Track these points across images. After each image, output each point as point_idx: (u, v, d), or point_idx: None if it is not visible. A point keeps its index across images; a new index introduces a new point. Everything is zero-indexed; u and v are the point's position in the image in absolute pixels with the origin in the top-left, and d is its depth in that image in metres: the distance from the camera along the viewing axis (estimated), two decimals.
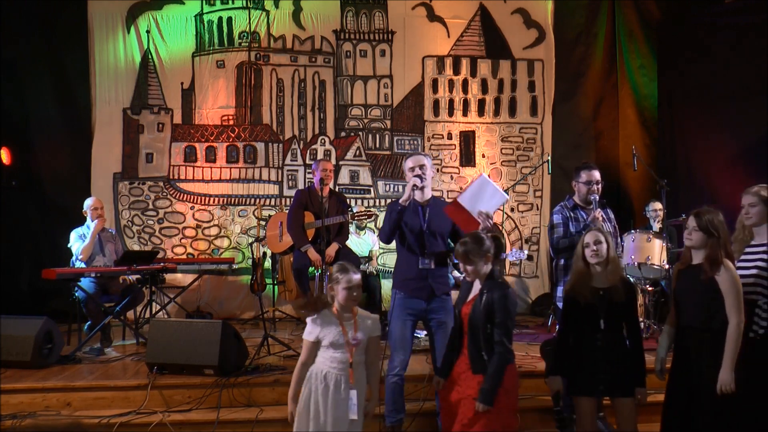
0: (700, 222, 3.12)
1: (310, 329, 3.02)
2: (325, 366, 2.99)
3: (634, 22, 7.66)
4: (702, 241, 3.11)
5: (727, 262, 3.07)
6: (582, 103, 7.77)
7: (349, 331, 3.00)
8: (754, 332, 3.25)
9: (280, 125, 7.39)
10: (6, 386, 3.98)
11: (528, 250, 7.31)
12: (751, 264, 3.29)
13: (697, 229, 3.13)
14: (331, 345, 2.98)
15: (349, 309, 3.05)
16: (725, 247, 3.10)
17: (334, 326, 3.00)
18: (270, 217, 6.61)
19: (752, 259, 3.31)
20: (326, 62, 7.47)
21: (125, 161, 7.14)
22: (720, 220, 3.12)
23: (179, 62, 7.24)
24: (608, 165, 7.39)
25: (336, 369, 2.98)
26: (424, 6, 7.55)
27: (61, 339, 4.68)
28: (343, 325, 3.00)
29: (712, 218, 3.11)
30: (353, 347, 2.99)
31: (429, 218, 3.71)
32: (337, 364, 2.98)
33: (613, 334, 3.18)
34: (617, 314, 3.17)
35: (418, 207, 3.72)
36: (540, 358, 4.62)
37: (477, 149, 7.61)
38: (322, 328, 3.00)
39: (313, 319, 3.02)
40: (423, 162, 3.75)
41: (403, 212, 3.66)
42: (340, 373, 2.97)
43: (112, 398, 4.03)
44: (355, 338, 3.00)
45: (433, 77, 7.59)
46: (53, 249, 6.12)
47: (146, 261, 5.42)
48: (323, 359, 3.00)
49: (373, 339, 3.09)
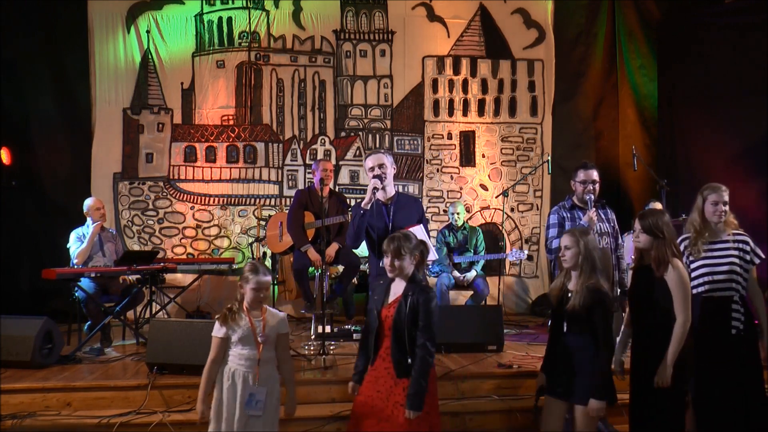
0: (644, 224, 3.17)
1: (218, 326, 3.05)
2: (234, 363, 3.01)
3: (634, 22, 7.66)
4: (649, 243, 3.16)
5: (675, 261, 3.10)
6: (582, 103, 7.77)
7: (257, 328, 3.02)
8: (736, 328, 3.31)
9: (280, 125, 7.39)
10: (6, 386, 3.97)
11: (528, 250, 7.31)
12: (725, 260, 3.35)
13: (642, 231, 3.18)
14: (240, 341, 3.00)
15: (258, 306, 3.08)
16: (672, 247, 3.13)
17: (243, 323, 3.02)
18: (270, 217, 6.61)
19: (722, 255, 3.36)
20: (326, 62, 7.47)
21: (125, 161, 7.15)
22: (665, 221, 3.16)
23: (179, 62, 7.24)
24: (608, 165, 7.39)
25: (244, 366, 2.99)
26: (424, 6, 7.56)
27: (61, 339, 4.68)
28: (251, 322, 3.02)
29: (656, 220, 3.15)
30: (261, 344, 3.01)
31: (393, 216, 3.68)
32: (245, 362, 2.99)
33: (574, 338, 3.12)
34: (579, 320, 3.09)
35: (381, 207, 3.68)
36: (540, 358, 4.62)
37: (477, 149, 7.61)
38: (231, 324, 3.03)
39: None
40: (383, 161, 3.71)
41: (366, 215, 3.61)
42: (248, 371, 2.99)
43: (112, 398, 4.02)
44: (263, 335, 3.02)
45: (433, 77, 7.59)
46: (53, 249, 6.11)
47: (146, 261, 5.41)
48: (232, 357, 3.02)
49: (282, 336, 3.11)
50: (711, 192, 3.43)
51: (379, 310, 3.03)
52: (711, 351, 3.30)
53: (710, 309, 3.35)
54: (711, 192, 3.43)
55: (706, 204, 3.41)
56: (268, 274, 3.09)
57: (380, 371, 2.99)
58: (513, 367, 4.37)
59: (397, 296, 3.01)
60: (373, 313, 3.07)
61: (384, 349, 2.99)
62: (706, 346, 3.30)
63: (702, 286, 3.37)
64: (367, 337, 3.11)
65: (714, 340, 3.32)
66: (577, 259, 3.12)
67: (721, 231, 3.43)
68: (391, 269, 3.00)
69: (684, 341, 3.04)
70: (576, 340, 3.11)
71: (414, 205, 3.96)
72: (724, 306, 3.34)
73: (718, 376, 3.29)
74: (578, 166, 4.11)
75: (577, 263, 3.12)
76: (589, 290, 3.06)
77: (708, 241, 3.40)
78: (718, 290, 3.36)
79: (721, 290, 3.35)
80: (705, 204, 3.42)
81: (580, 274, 3.11)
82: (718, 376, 3.29)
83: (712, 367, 3.30)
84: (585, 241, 3.12)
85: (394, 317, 2.96)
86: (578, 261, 3.11)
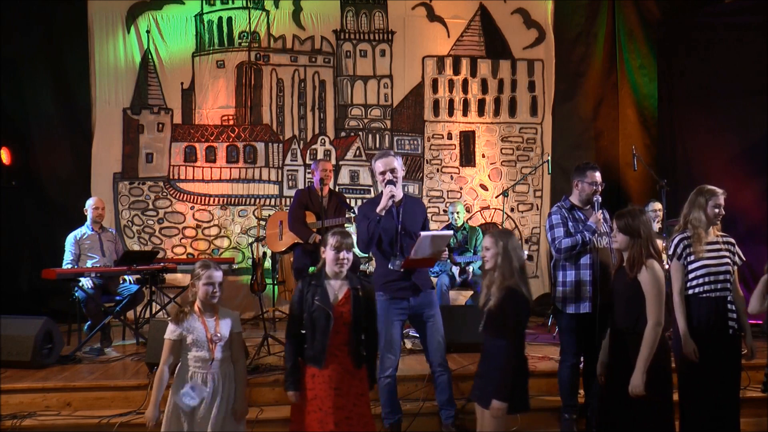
0: (620, 224, 3.16)
1: (172, 328, 3.01)
2: (189, 366, 2.98)
3: (634, 22, 7.65)
4: (626, 243, 3.14)
5: (651, 262, 3.06)
6: (582, 103, 7.77)
7: (210, 329, 3.00)
8: (732, 328, 3.33)
9: (280, 125, 7.39)
10: (6, 386, 3.98)
11: (528, 250, 7.31)
12: (722, 261, 3.37)
13: (618, 230, 3.16)
14: (194, 343, 2.98)
15: (211, 307, 3.06)
16: (649, 247, 3.09)
17: (196, 324, 3.00)
18: (270, 217, 6.61)
19: (717, 256, 3.38)
20: (326, 62, 7.47)
21: (125, 161, 7.15)
22: (642, 220, 3.13)
23: (179, 62, 7.24)
24: (608, 165, 7.38)
25: (199, 368, 2.97)
26: (424, 6, 7.55)
27: (61, 339, 4.69)
28: (204, 322, 3.00)
29: (633, 219, 3.12)
30: (215, 344, 2.98)
31: (403, 219, 3.67)
32: (201, 363, 2.97)
33: (491, 340, 3.11)
34: (493, 322, 3.09)
35: (392, 209, 3.67)
36: (540, 358, 4.66)
37: (477, 149, 7.61)
38: (184, 326, 2.99)
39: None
40: (393, 164, 3.70)
41: (381, 222, 3.62)
42: (203, 372, 2.97)
43: (112, 398, 4.03)
44: (217, 335, 2.99)
45: (433, 77, 7.59)
46: (53, 249, 6.11)
47: (146, 261, 5.42)
48: (186, 359, 2.99)
49: (236, 335, 3.10)
50: (712, 195, 3.42)
51: (331, 309, 2.99)
52: (710, 350, 3.29)
53: (710, 309, 3.35)
54: (712, 195, 3.42)
55: (709, 206, 3.40)
56: (220, 269, 3.08)
57: (335, 368, 2.97)
58: None
59: (344, 292, 3.04)
60: (322, 313, 2.98)
61: (337, 346, 2.99)
62: (707, 346, 3.29)
63: (702, 287, 3.37)
64: (296, 341, 3.04)
65: (715, 340, 3.32)
66: (496, 260, 3.09)
67: (711, 233, 3.44)
68: (340, 265, 3.04)
69: (656, 346, 2.96)
70: (491, 341, 3.11)
71: (420, 206, 3.98)
72: (721, 306, 3.35)
73: (711, 376, 3.28)
74: (584, 166, 4.07)
75: (497, 264, 3.09)
76: (503, 291, 3.04)
77: (706, 242, 3.40)
78: (717, 290, 3.37)
79: (720, 290, 3.37)
80: (708, 206, 3.40)
81: (498, 276, 3.09)
82: (710, 376, 3.28)
83: (707, 367, 3.28)
84: (504, 242, 3.09)
85: (352, 312, 3.00)
86: (497, 262, 3.09)
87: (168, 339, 2.99)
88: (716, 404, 3.30)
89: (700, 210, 3.41)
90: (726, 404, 3.34)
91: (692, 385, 3.36)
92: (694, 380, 3.34)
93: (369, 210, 3.70)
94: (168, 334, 2.99)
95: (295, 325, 3.05)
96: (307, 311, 3.01)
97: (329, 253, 3.04)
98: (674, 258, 3.45)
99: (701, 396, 3.32)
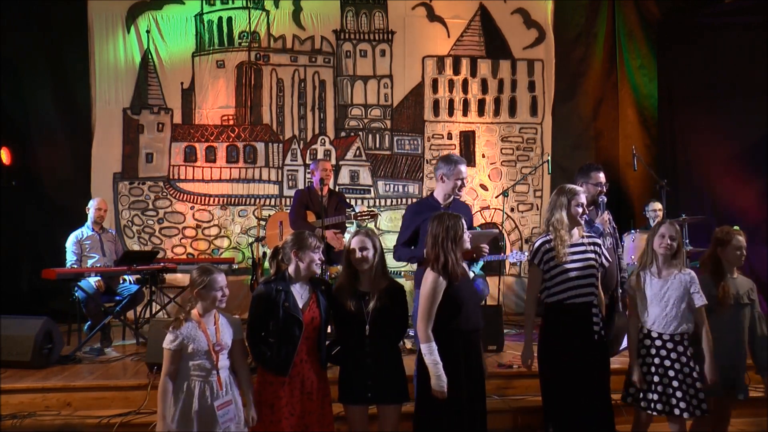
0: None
1: (171, 338, 2.84)
2: (190, 376, 2.84)
3: (634, 22, 7.65)
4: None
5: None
6: (582, 103, 7.77)
7: (212, 337, 2.87)
8: (597, 333, 3.20)
9: (280, 125, 7.39)
10: (6, 386, 3.98)
11: (528, 250, 7.29)
12: (587, 264, 3.25)
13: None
14: (195, 353, 2.83)
15: (211, 314, 2.94)
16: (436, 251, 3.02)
17: (196, 332, 2.86)
18: (270, 217, 6.61)
19: (581, 259, 3.24)
20: (326, 62, 7.47)
21: (125, 161, 7.15)
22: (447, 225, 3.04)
23: (179, 62, 7.24)
24: (608, 165, 7.34)
25: (201, 378, 2.84)
26: (424, 6, 7.55)
27: (61, 339, 4.69)
28: (205, 330, 2.87)
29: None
30: (218, 353, 2.87)
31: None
32: (202, 372, 2.85)
33: (380, 340, 3.05)
34: (383, 321, 3.03)
35: (440, 209, 3.63)
36: None
37: (477, 149, 7.61)
38: (184, 335, 2.85)
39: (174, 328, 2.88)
40: (465, 175, 3.75)
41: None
42: (204, 382, 2.84)
43: (112, 398, 4.03)
44: (219, 344, 2.88)
45: (433, 77, 7.59)
46: (53, 249, 6.10)
47: (146, 261, 5.42)
48: (188, 369, 2.85)
49: (237, 342, 2.99)
50: (574, 195, 3.25)
51: (301, 316, 2.95)
52: (577, 357, 3.14)
53: (575, 316, 3.19)
54: (574, 195, 3.25)
55: (572, 206, 3.22)
56: (222, 272, 2.97)
57: (304, 374, 2.97)
58: (513, 367, 4.38)
59: (309, 297, 3.04)
60: (293, 321, 2.94)
61: (306, 352, 2.98)
62: (574, 353, 3.15)
63: (565, 293, 3.18)
64: (282, 343, 2.95)
65: (580, 347, 3.16)
66: (374, 260, 3.07)
67: (575, 234, 3.27)
68: (300, 269, 3.02)
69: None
70: (381, 342, 3.09)
71: (465, 208, 4.01)
72: (586, 311, 3.19)
73: (579, 383, 3.12)
74: (587, 167, 4.04)
75: (373, 264, 3.06)
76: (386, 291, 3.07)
77: (570, 244, 3.21)
78: (581, 296, 3.17)
79: (584, 296, 3.18)
80: (570, 205, 3.22)
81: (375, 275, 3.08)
82: (579, 383, 3.12)
83: (575, 375, 3.12)
84: (373, 242, 3.08)
85: (321, 317, 3.02)
86: (374, 262, 3.07)
87: (168, 349, 2.83)
88: (588, 411, 3.12)
89: (562, 210, 3.23)
90: (598, 410, 3.15)
91: (561, 392, 3.16)
92: (563, 388, 3.15)
93: (418, 211, 3.73)
94: (167, 344, 2.84)
95: (261, 331, 2.99)
96: (274, 318, 2.93)
97: (309, 255, 3.00)
98: (533, 263, 3.27)
99: (571, 404, 3.13)
